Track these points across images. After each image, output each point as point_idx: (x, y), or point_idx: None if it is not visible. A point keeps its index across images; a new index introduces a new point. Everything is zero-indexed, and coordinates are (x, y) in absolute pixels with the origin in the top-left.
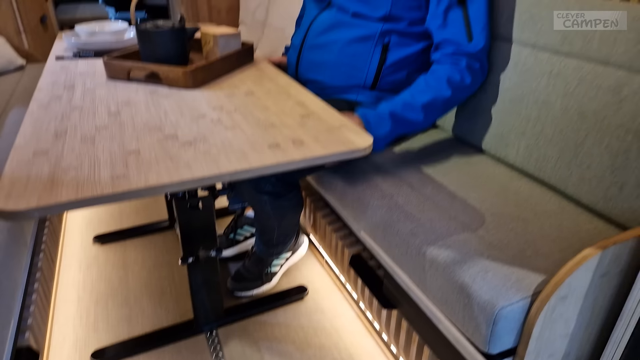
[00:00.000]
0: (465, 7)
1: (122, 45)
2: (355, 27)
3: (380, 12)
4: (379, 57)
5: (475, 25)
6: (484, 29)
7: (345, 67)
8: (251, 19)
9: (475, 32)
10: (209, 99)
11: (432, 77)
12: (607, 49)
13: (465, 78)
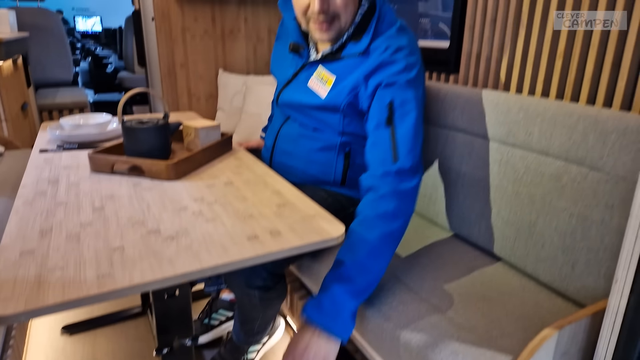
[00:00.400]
0: (392, 127)
1: (106, 136)
2: (317, 140)
3: (335, 129)
4: (342, 163)
5: (402, 146)
6: (410, 150)
7: (314, 172)
8: (229, 105)
9: (401, 153)
10: (190, 190)
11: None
12: (545, 141)
13: (388, 204)
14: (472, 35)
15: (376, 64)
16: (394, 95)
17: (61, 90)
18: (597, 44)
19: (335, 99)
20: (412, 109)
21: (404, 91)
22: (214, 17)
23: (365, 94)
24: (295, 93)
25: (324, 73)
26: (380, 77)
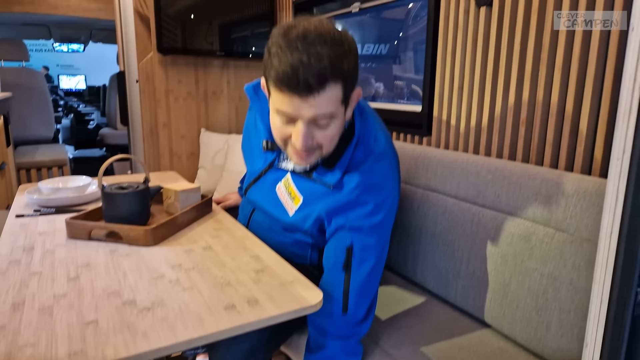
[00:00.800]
0: (348, 273)
1: (85, 200)
2: (288, 237)
3: (301, 239)
4: (317, 254)
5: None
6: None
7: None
8: (210, 164)
9: (351, 306)
10: (168, 257)
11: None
12: (513, 203)
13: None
14: (441, 101)
15: (343, 202)
16: (355, 240)
17: (41, 147)
18: (555, 113)
19: (302, 222)
20: (372, 256)
21: (366, 237)
22: (197, 80)
23: (327, 228)
24: (263, 197)
25: (292, 188)
26: (345, 218)
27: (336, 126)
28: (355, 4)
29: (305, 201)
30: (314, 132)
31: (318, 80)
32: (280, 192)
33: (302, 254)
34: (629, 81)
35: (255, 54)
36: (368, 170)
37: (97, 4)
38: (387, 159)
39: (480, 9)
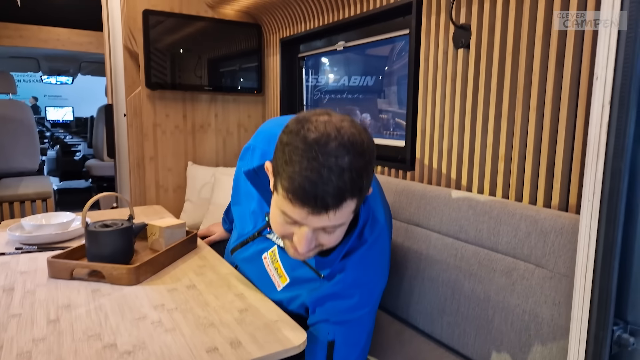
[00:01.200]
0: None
1: (68, 237)
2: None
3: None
4: None
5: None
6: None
7: None
8: (197, 197)
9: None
10: (150, 296)
11: None
12: (493, 238)
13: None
14: (423, 137)
15: (328, 293)
16: (337, 334)
17: (25, 179)
18: (532, 151)
19: (287, 302)
20: (355, 349)
21: (350, 330)
22: (185, 113)
23: (310, 315)
24: (249, 266)
25: (278, 265)
26: (329, 311)
27: (343, 230)
28: (340, 42)
29: (292, 283)
30: (319, 235)
31: (335, 200)
32: (267, 263)
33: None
34: (596, 126)
35: (243, 89)
36: (358, 262)
37: (87, 37)
38: (381, 244)
39: (458, 50)
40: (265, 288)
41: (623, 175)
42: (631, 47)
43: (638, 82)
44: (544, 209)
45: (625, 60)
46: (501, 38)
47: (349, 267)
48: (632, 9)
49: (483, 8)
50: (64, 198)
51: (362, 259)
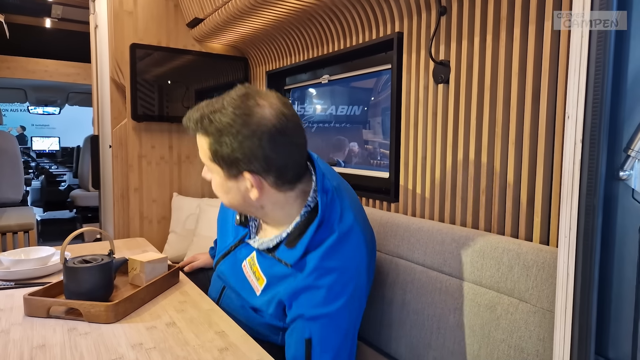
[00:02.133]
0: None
1: (47, 272)
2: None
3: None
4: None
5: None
6: None
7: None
8: (181, 228)
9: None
10: (129, 335)
11: None
12: (477, 272)
13: None
14: (407, 169)
15: (301, 287)
16: (313, 331)
17: (8, 210)
18: (512, 184)
19: (266, 306)
20: (331, 348)
21: (324, 327)
22: (171, 145)
23: (288, 312)
24: (232, 275)
25: (256, 269)
26: (303, 305)
27: (216, 181)
28: (324, 75)
29: (269, 283)
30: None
31: (188, 125)
32: (246, 270)
33: (273, 337)
34: (569, 164)
35: None
36: (327, 253)
37: (74, 69)
38: (353, 239)
39: (438, 85)
40: (248, 295)
41: (597, 211)
42: (600, 86)
43: (608, 121)
44: (525, 242)
45: (595, 100)
46: (479, 74)
47: (318, 258)
48: (598, 52)
49: (461, 45)
50: (48, 229)
51: (331, 249)
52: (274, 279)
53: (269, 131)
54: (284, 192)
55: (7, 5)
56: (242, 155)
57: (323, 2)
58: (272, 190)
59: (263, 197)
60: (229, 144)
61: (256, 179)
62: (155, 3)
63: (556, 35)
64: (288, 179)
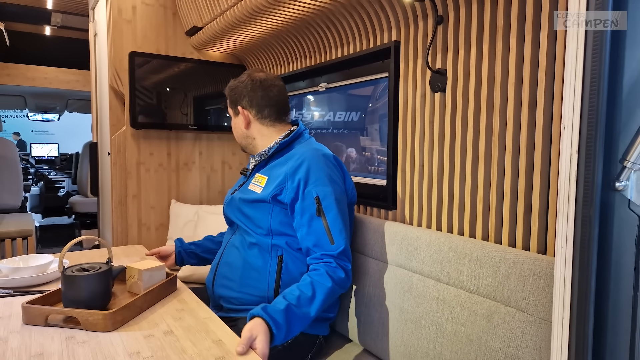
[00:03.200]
0: (324, 217)
1: (45, 279)
2: (254, 245)
3: (265, 227)
4: (275, 268)
5: (334, 230)
6: (341, 232)
7: (250, 280)
8: (179, 234)
9: (335, 236)
10: (126, 343)
11: (314, 273)
12: (474, 281)
13: (339, 272)
14: (404, 177)
15: (298, 163)
16: (318, 191)
17: (7, 217)
18: (509, 193)
19: (266, 191)
20: (333, 200)
21: (324, 187)
22: (169, 152)
23: (290, 186)
24: (238, 194)
25: (259, 176)
26: (302, 173)
27: (233, 121)
28: (322, 83)
29: (270, 177)
30: None
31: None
32: (252, 185)
33: (264, 265)
34: (565, 175)
35: (227, 127)
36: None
37: (74, 75)
38: (323, 148)
39: (435, 94)
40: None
41: (594, 222)
42: (595, 97)
43: (604, 131)
44: (522, 251)
45: (591, 110)
46: (476, 83)
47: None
48: (594, 58)
49: (458, 54)
50: (47, 235)
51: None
52: (273, 172)
53: (253, 83)
54: (266, 126)
55: (7, 13)
56: (237, 95)
57: (320, 11)
58: (256, 123)
59: (251, 127)
60: (233, 92)
61: (245, 112)
62: (154, 11)
63: (552, 44)
64: (265, 115)
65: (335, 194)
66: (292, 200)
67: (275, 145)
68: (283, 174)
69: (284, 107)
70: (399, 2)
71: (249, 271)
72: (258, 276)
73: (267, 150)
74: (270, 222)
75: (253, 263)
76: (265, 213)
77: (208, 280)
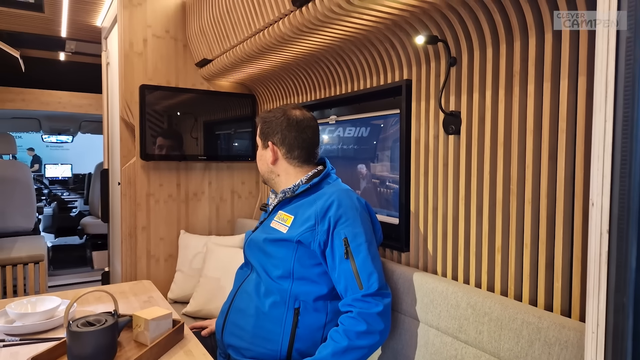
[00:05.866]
0: (352, 259)
1: (52, 325)
2: (270, 292)
3: (286, 269)
4: (292, 321)
5: (363, 273)
6: (371, 274)
7: (263, 331)
8: (188, 267)
9: (363, 280)
10: None
11: (334, 331)
12: (495, 343)
13: (359, 325)
14: (417, 218)
15: (329, 203)
16: (347, 232)
17: (20, 240)
18: (530, 244)
19: (293, 232)
20: (363, 242)
21: (354, 228)
22: (179, 183)
23: (321, 229)
24: (260, 233)
25: (284, 214)
26: (331, 213)
27: (259, 152)
28: (332, 116)
29: (296, 216)
30: None
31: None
32: (275, 223)
33: (279, 317)
34: (595, 256)
35: (237, 156)
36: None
37: (86, 99)
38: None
39: (449, 136)
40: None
41: (627, 310)
42: (627, 173)
43: (637, 210)
44: (546, 313)
45: (622, 187)
46: (492, 128)
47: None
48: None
49: (472, 97)
50: (58, 255)
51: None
52: (300, 211)
53: (288, 121)
54: (293, 166)
55: (23, 41)
56: (270, 130)
57: (330, 47)
58: (284, 161)
59: (278, 164)
60: (265, 125)
61: (274, 148)
62: (165, 43)
63: (573, 94)
64: (295, 156)
65: (365, 235)
66: (324, 243)
67: (302, 184)
68: (313, 215)
69: (315, 150)
70: (411, 42)
71: (263, 321)
72: (272, 328)
73: (292, 188)
74: (293, 264)
75: (268, 313)
76: (289, 253)
77: (217, 325)
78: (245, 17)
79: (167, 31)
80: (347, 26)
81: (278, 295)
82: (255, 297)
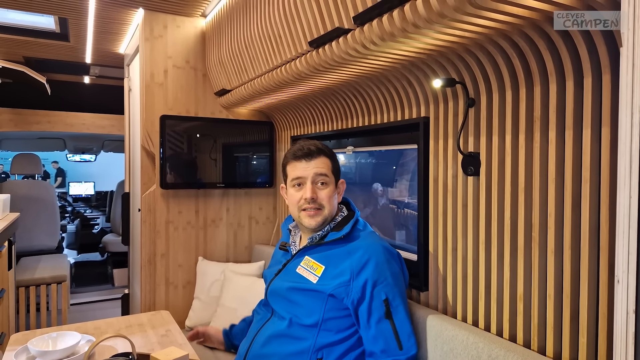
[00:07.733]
0: (391, 319)
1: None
2: (292, 340)
3: (313, 318)
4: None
5: (402, 334)
6: (410, 336)
7: None
8: (206, 294)
9: (404, 341)
10: None
11: None
12: None
13: None
14: (436, 259)
15: (365, 259)
16: (387, 292)
17: (43, 259)
18: (553, 294)
19: (325, 284)
20: (400, 302)
21: (393, 287)
22: (197, 210)
23: (356, 285)
24: (284, 280)
25: (313, 262)
26: (369, 271)
27: (330, 190)
28: (349, 147)
29: (327, 267)
30: (316, 189)
31: (314, 148)
32: (302, 270)
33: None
34: (621, 337)
35: (255, 183)
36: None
37: (109, 121)
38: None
39: (468, 177)
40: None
41: None
42: None
43: None
44: None
45: None
46: (512, 172)
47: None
48: None
49: (492, 140)
50: (80, 272)
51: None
52: (332, 263)
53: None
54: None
55: (50, 66)
56: (339, 167)
57: (347, 82)
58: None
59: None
60: (335, 161)
61: (342, 187)
62: (185, 74)
63: (597, 144)
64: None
65: (402, 295)
66: (358, 301)
67: (332, 231)
68: (348, 270)
69: None
70: (428, 82)
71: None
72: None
73: (321, 235)
74: (323, 315)
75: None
76: (318, 304)
77: None
78: (263, 53)
79: (187, 61)
80: (364, 66)
81: (301, 343)
82: (275, 342)
